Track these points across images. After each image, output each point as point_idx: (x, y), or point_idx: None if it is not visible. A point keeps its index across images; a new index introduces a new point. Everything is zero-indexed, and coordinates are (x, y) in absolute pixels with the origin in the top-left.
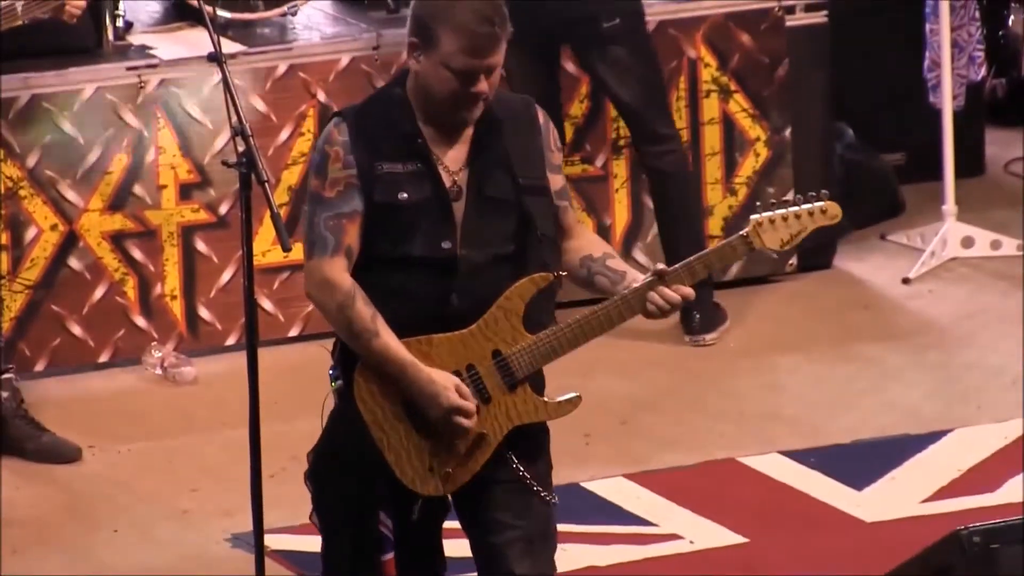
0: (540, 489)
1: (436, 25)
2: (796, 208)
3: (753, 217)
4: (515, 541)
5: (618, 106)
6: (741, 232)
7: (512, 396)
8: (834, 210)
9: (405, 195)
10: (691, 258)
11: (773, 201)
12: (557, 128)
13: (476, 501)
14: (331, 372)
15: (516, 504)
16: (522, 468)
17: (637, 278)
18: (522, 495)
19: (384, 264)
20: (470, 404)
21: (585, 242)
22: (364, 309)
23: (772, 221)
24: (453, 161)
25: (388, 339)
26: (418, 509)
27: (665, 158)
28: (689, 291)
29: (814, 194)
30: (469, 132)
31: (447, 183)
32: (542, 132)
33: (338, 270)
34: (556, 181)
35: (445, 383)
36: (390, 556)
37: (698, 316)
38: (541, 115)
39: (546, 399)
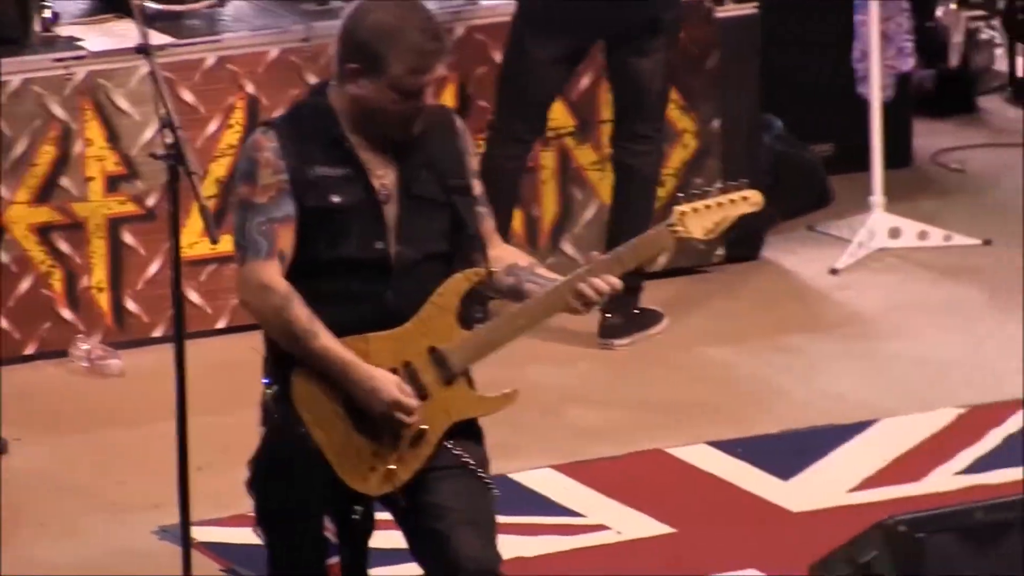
0: (482, 473)
1: (384, 50)
2: (719, 196)
3: (677, 207)
4: (463, 524)
5: (624, 96)
6: (666, 221)
7: (449, 391)
8: (756, 198)
9: (337, 199)
10: (618, 248)
11: (695, 191)
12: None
13: (417, 490)
14: (265, 381)
15: (459, 489)
16: (466, 454)
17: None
18: (464, 480)
19: (318, 268)
20: (411, 400)
21: (506, 253)
22: (301, 311)
23: (696, 210)
24: (380, 165)
25: (327, 339)
26: (360, 510)
27: (643, 158)
28: (616, 281)
29: (736, 183)
30: None
31: (376, 187)
32: (461, 136)
33: (273, 273)
34: (476, 187)
35: (386, 379)
36: (334, 560)
37: (609, 318)
38: (458, 121)
39: (482, 394)
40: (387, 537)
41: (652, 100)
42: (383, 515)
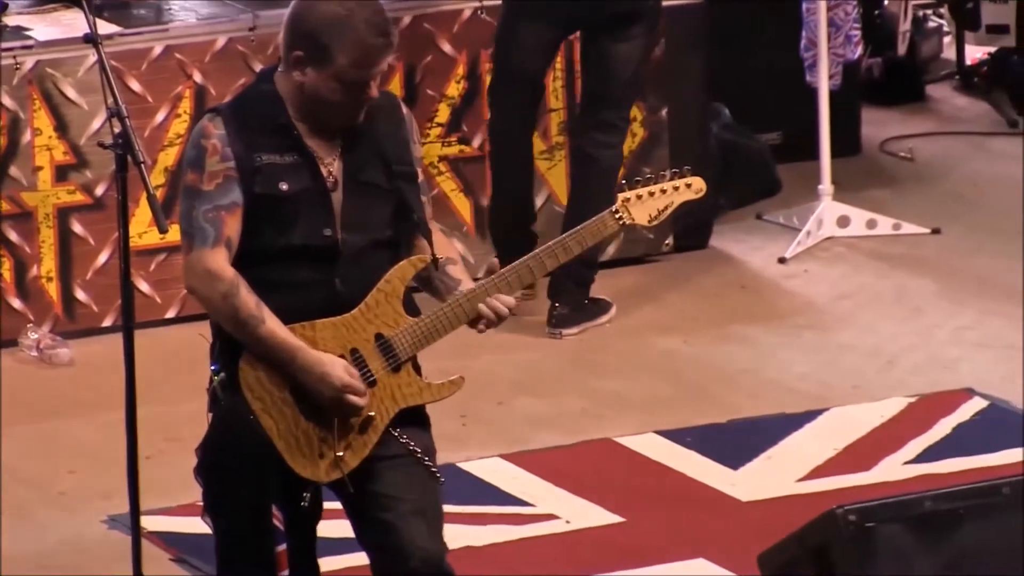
0: (429, 463)
1: (331, 41)
2: (662, 183)
3: (620, 194)
4: (410, 515)
5: (593, 83)
6: (610, 208)
7: (396, 378)
8: (699, 184)
9: (285, 186)
10: (564, 235)
11: (639, 178)
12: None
13: (364, 479)
14: (212, 367)
15: (407, 479)
16: (413, 443)
17: (469, 287)
18: (411, 470)
19: (266, 255)
20: (360, 383)
21: (434, 242)
22: (248, 297)
23: (639, 197)
24: (327, 152)
25: (274, 325)
26: (308, 497)
27: (605, 149)
28: (511, 301)
29: (678, 170)
30: None
31: (323, 173)
32: (406, 122)
33: (220, 260)
34: (420, 173)
35: (334, 363)
36: (283, 548)
37: (558, 308)
38: (404, 108)
39: (429, 381)
40: (337, 526)
41: (621, 89)
42: (334, 504)
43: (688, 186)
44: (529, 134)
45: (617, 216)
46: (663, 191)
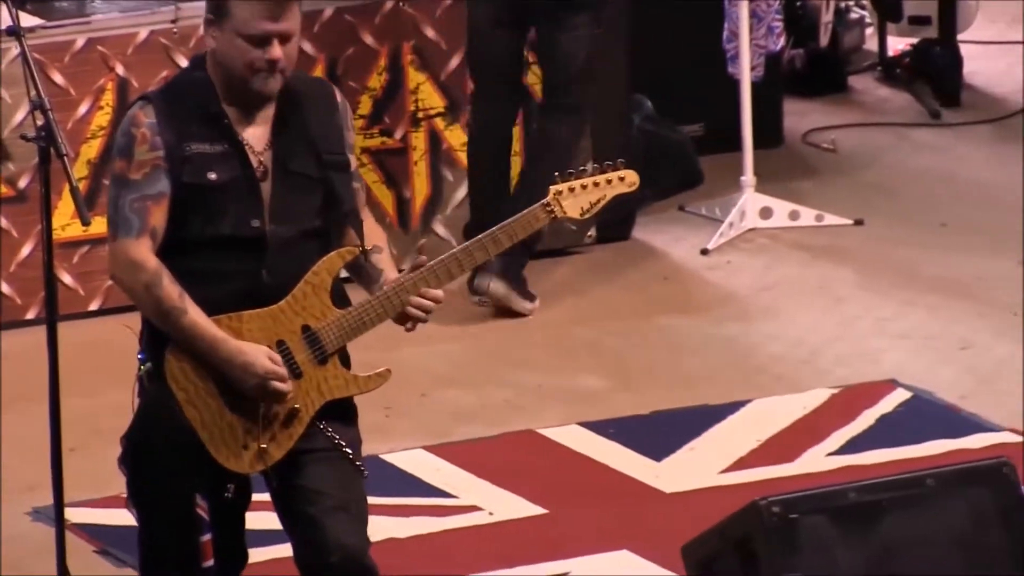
0: (354, 457)
1: None
2: (595, 176)
3: (552, 187)
4: (333, 510)
5: (547, 71)
6: (542, 201)
7: (323, 370)
8: (632, 177)
9: (214, 175)
10: (494, 228)
11: (571, 171)
12: None
13: (290, 473)
14: (140, 356)
15: (332, 473)
16: (338, 436)
17: (391, 279)
18: (336, 464)
19: (193, 246)
20: (282, 369)
21: (364, 232)
22: (171, 288)
23: (572, 190)
24: (257, 141)
25: (197, 316)
26: (232, 488)
27: (564, 126)
28: (438, 294)
29: (611, 163)
30: (271, 111)
31: (253, 163)
32: (340, 110)
33: (144, 250)
34: (352, 161)
35: (256, 352)
36: (207, 538)
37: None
38: (339, 94)
39: (355, 373)
40: (266, 518)
41: (573, 75)
42: (264, 496)
43: (621, 179)
44: (509, 138)
45: (548, 209)
46: (596, 184)
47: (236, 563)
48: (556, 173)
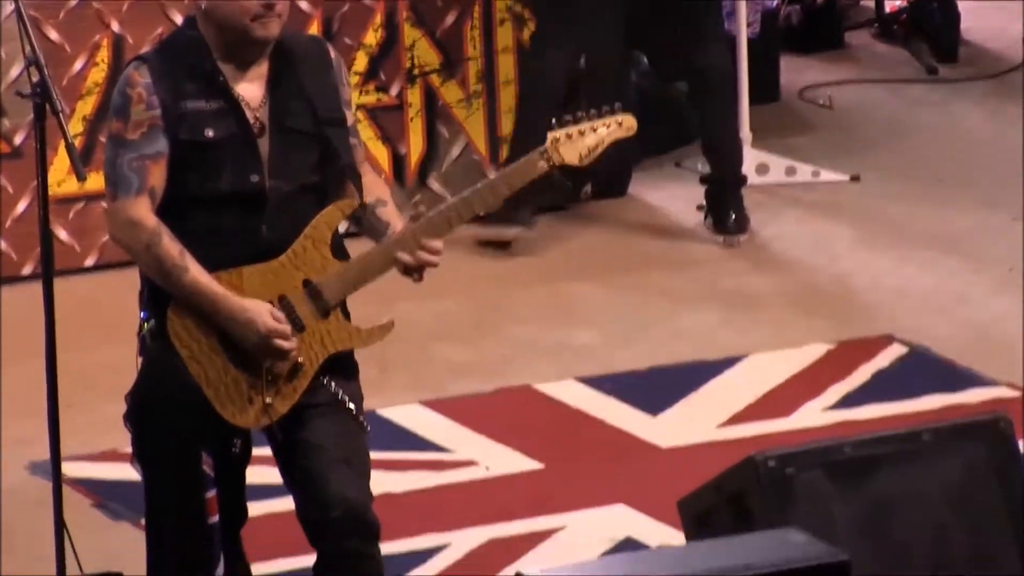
0: (356, 412)
1: None
2: (592, 121)
3: (550, 133)
4: (336, 464)
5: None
6: (538, 148)
7: (325, 324)
8: (629, 121)
9: (211, 132)
10: (493, 177)
11: (568, 117)
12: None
13: (292, 427)
14: (142, 315)
15: (334, 428)
16: (341, 391)
17: (398, 228)
18: (339, 419)
19: (192, 203)
20: (286, 326)
21: (371, 184)
22: (172, 246)
23: (569, 136)
24: (253, 98)
25: (198, 274)
26: (239, 443)
27: (713, 58)
28: (438, 245)
29: (608, 108)
30: (265, 69)
31: (250, 119)
32: (335, 67)
33: (143, 209)
34: (349, 117)
35: (259, 309)
36: (212, 494)
37: (733, 215)
38: (332, 51)
39: (358, 326)
40: (266, 472)
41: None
42: (262, 450)
43: (620, 124)
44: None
45: (546, 156)
46: (593, 129)
47: (238, 519)
48: (552, 120)
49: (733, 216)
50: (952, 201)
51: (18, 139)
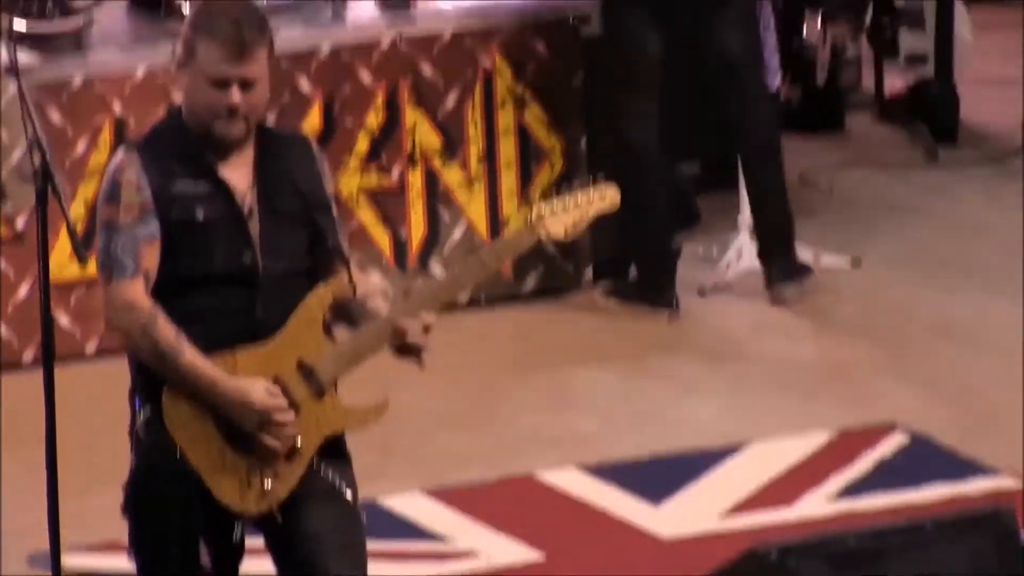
0: (352, 499)
1: (195, 35)
2: (576, 196)
3: (536, 207)
4: (333, 553)
5: (727, 64)
6: (525, 222)
7: (320, 404)
8: (613, 195)
9: (202, 214)
10: (482, 251)
11: (553, 191)
12: None
13: (288, 514)
14: (136, 404)
15: (331, 516)
16: (337, 479)
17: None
18: (335, 506)
19: (185, 285)
20: (283, 401)
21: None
22: (167, 328)
23: (554, 210)
24: (240, 182)
25: (194, 356)
26: (239, 532)
27: (758, 117)
28: (430, 318)
29: (592, 181)
30: (250, 155)
31: (239, 202)
32: (318, 160)
33: (139, 292)
34: (334, 207)
35: (255, 387)
36: None
37: (776, 272)
38: (315, 145)
39: (353, 407)
40: (259, 565)
41: (746, 63)
42: (254, 540)
43: (602, 198)
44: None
45: (533, 230)
46: (577, 204)
47: None
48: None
49: (774, 269)
50: (953, 286)
51: (20, 223)
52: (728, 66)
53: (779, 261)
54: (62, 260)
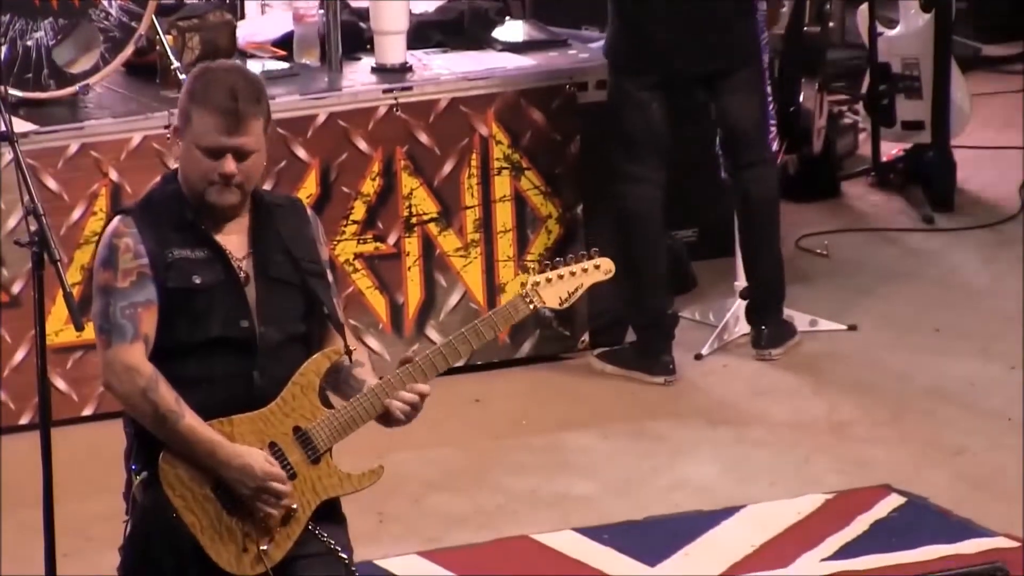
0: (348, 561)
1: (191, 105)
2: (571, 266)
3: (530, 278)
4: None
5: (725, 128)
6: (520, 292)
7: (316, 470)
8: (607, 265)
9: (199, 279)
10: (476, 321)
11: (547, 261)
12: None
13: (283, 575)
14: (132, 467)
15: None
16: (332, 541)
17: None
18: (330, 567)
19: (183, 350)
20: (281, 471)
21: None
22: (167, 392)
23: (549, 280)
24: (236, 249)
25: (193, 420)
26: None
27: (757, 183)
28: (425, 388)
29: (586, 252)
30: (246, 221)
31: (235, 268)
32: (312, 225)
33: (139, 356)
34: (329, 274)
35: (254, 455)
36: None
37: (765, 330)
38: (310, 210)
39: (349, 472)
40: None
41: (750, 128)
42: None
43: (597, 267)
44: (661, 206)
45: (527, 300)
46: (572, 273)
47: None
48: (532, 265)
49: (764, 330)
50: (949, 350)
51: (16, 288)
52: (732, 132)
53: (769, 324)
54: (58, 325)
